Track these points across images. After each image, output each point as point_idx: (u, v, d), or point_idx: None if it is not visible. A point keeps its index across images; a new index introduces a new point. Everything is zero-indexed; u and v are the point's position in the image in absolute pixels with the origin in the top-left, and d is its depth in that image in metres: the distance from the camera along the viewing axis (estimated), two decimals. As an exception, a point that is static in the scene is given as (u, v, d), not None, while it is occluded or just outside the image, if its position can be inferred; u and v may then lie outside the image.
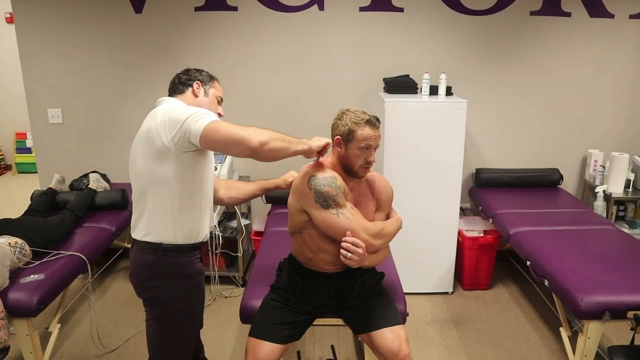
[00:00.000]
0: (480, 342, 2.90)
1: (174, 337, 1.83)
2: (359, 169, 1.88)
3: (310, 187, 1.82)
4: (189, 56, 3.62)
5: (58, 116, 3.74)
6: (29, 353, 2.27)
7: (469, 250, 3.38)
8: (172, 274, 1.76)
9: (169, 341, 1.83)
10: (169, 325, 1.81)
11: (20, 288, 2.23)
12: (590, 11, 3.58)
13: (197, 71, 1.91)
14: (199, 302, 1.90)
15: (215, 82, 1.94)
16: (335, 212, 1.81)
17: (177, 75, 1.90)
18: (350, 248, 1.79)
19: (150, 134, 1.67)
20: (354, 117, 1.85)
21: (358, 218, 1.85)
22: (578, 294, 2.20)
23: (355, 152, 1.85)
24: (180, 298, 1.79)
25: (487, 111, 3.74)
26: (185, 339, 1.87)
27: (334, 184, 1.82)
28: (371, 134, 1.85)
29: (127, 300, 3.35)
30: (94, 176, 3.43)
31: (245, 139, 1.56)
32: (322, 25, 3.58)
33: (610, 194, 3.49)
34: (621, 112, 3.79)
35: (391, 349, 1.85)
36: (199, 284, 1.87)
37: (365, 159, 1.87)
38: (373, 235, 1.86)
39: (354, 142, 1.84)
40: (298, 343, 2.55)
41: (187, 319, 1.85)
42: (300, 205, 1.87)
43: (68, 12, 3.54)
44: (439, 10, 3.56)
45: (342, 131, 1.86)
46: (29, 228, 2.54)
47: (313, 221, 1.86)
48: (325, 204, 1.81)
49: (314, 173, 1.84)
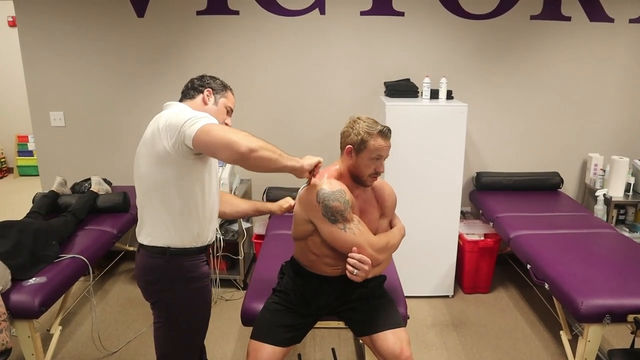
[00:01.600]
0: (480, 346, 2.90)
1: (181, 340, 1.84)
2: (368, 178, 1.88)
3: (318, 200, 1.80)
4: (190, 60, 3.64)
5: (60, 119, 3.75)
6: (30, 355, 2.28)
7: (470, 253, 3.38)
8: (179, 277, 1.77)
9: (176, 343, 1.83)
10: (177, 328, 1.82)
11: (22, 290, 2.24)
12: (590, 15, 3.60)
13: (211, 78, 1.88)
14: (206, 305, 1.89)
15: (228, 92, 1.90)
16: (342, 226, 1.81)
17: (192, 79, 1.87)
18: (357, 265, 1.79)
19: (153, 138, 1.67)
20: (366, 127, 1.84)
21: (365, 233, 1.85)
22: (578, 297, 2.20)
23: (365, 162, 1.85)
24: (187, 301, 1.80)
25: (487, 115, 3.76)
26: (192, 341, 1.88)
27: (343, 198, 1.81)
28: (383, 145, 1.84)
29: (128, 302, 3.36)
30: (96, 179, 3.44)
31: (235, 143, 1.51)
32: (323, 29, 3.60)
33: (610, 197, 3.50)
34: (622, 115, 3.80)
35: (393, 352, 1.85)
36: (205, 287, 1.86)
37: (375, 169, 1.87)
38: (378, 250, 1.86)
39: (366, 152, 1.84)
40: (299, 346, 2.56)
41: (194, 322, 1.85)
42: (307, 216, 1.87)
43: (70, 16, 3.56)
44: (440, 14, 3.58)
45: (354, 140, 1.85)
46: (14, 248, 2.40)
47: (319, 232, 1.86)
48: (333, 219, 1.80)
49: (322, 186, 1.82)
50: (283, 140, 3.25)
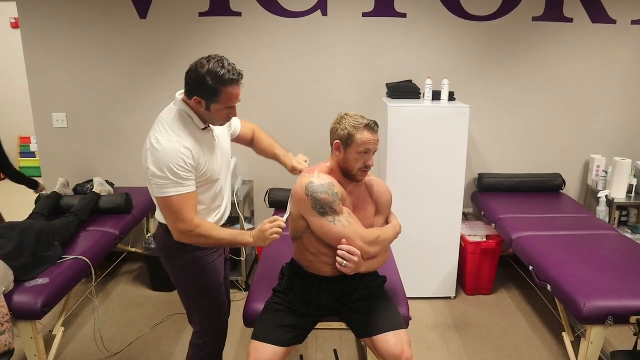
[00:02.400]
0: (482, 347, 2.89)
1: (190, 302, 2.10)
2: (358, 172, 1.90)
3: (307, 194, 1.84)
4: (193, 61, 3.62)
5: (63, 120, 3.76)
6: (33, 356, 2.28)
7: (472, 255, 3.38)
8: (176, 246, 1.93)
9: (190, 303, 2.10)
10: (183, 290, 2.08)
11: (25, 291, 2.24)
12: (592, 17, 3.60)
13: (200, 83, 1.75)
14: (205, 274, 2.03)
15: (221, 93, 1.76)
16: (332, 219, 1.83)
17: (188, 73, 1.80)
18: (345, 256, 1.82)
19: (144, 151, 1.81)
20: (353, 122, 1.87)
21: (355, 225, 1.87)
22: (581, 298, 2.20)
23: (354, 156, 1.87)
24: (185, 268, 2.01)
25: (489, 116, 3.76)
26: (199, 302, 2.07)
27: (331, 191, 1.84)
28: (370, 138, 1.86)
29: (130, 304, 3.36)
30: (98, 180, 3.45)
31: (171, 229, 1.84)
32: (325, 30, 3.60)
33: (612, 199, 3.49)
34: (624, 117, 3.80)
35: (394, 353, 1.85)
36: (203, 258, 2.00)
37: (364, 163, 1.88)
38: (369, 242, 1.88)
39: (353, 146, 1.86)
40: (301, 347, 2.56)
41: (194, 288, 2.05)
42: (298, 211, 1.89)
43: (73, 17, 3.57)
44: (442, 16, 3.58)
45: (342, 135, 1.88)
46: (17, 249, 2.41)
47: (310, 227, 1.88)
48: (322, 211, 1.83)
49: (312, 179, 1.86)
50: (284, 141, 3.23)
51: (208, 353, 2.15)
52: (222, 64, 1.78)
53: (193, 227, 1.80)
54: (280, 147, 2.29)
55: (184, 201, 1.78)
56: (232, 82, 1.77)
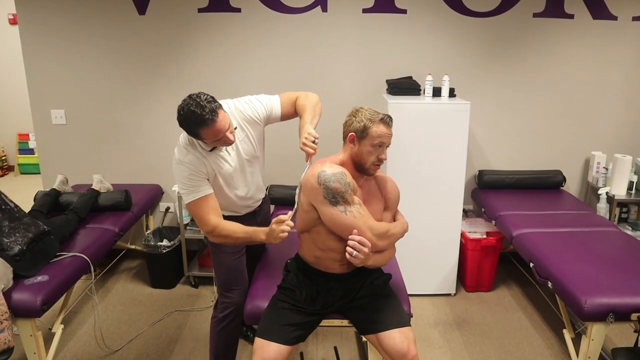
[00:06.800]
0: (482, 344, 2.89)
1: (218, 267, 2.34)
2: (371, 166, 1.90)
3: (319, 182, 1.83)
4: (192, 57, 3.63)
5: (61, 117, 3.75)
6: (32, 354, 2.28)
7: (472, 252, 3.38)
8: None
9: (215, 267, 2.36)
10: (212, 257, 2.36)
11: (24, 289, 2.24)
12: (593, 13, 3.58)
13: (185, 123, 1.91)
14: (221, 257, 2.30)
15: (205, 129, 1.88)
16: (343, 209, 1.83)
17: (178, 112, 1.91)
18: (356, 246, 1.81)
19: None
20: (368, 115, 1.88)
21: (365, 217, 1.86)
22: (582, 295, 2.20)
23: (368, 149, 1.87)
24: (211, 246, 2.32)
25: (490, 113, 3.75)
26: (225, 267, 2.32)
27: (344, 180, 1.84)
28: (385, 132, 1.87)
29: (130, 301, 3.36)
30: (97, 177, 3.43)
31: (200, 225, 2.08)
32: (325, 26, 3.59)
33: (613, 195, 3.49)
34: (624, 114, 3.79)
35: (400, 350, 1.85)
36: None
37: (377, 156, 1.89)
38: (378, 235, 1.87)
39: (368, 138, 1.86)
40: (301, 344, 2.55)
41: (219, 253, 2.31)
42: (309, 200, 1.88)
43: (71, 13, 3.55)
44: (442, 12, 3.56)
45: (357, 128, 1.88)
46: None
47: (321, 217, 1.87)
48: (334, 201, 1.82)
49: (324, 168, 1.85)
50: (284, 137, 3.25)
51: None
52: (197, 105, 1.87)
53: (212, 228, 2.02)
54: (308, 114, 2.21)
55: (200, 206, 2.02)
56: (206, 123, 1.88)
